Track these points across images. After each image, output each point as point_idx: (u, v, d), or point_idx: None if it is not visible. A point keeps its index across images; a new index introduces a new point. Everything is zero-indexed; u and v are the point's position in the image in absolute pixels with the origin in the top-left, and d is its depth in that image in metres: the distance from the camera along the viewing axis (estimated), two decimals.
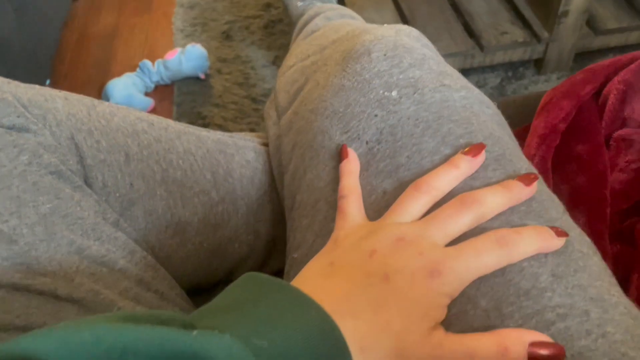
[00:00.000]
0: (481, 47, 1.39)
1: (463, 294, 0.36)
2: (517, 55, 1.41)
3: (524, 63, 1.48)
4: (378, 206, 0.42)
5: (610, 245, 0.59)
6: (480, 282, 0.36)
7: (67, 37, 1.69)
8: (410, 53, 0.48)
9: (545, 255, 0.37)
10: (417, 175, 0.42)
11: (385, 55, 0.48)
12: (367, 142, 0.45)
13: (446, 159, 0.42)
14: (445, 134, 0.43)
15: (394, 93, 0.46)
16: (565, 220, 0.41)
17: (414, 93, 0.46)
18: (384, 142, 0.45)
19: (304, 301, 0.31)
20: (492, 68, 1.47)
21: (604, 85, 0.69)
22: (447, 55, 1.38)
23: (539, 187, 0.43)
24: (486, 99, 0.49)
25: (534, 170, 0.45)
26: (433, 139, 0.43)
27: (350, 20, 0.75)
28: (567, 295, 0.35)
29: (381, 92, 0.46)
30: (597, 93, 0.70)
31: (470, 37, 1.42)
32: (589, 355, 0.33)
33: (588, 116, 0.66)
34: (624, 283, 0.57)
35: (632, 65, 0.70)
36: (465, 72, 1.47)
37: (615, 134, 0.66)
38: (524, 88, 1.44)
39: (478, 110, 0.46)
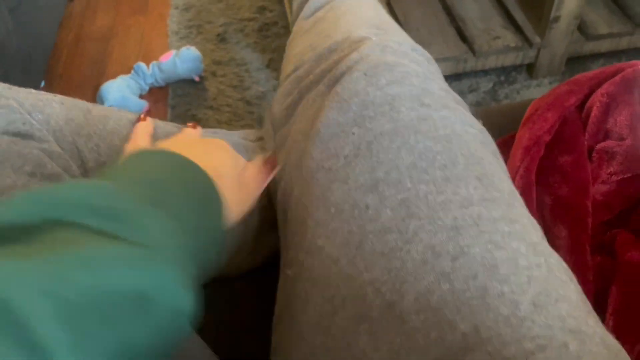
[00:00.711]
0: (474, 52, 1.40)
1: (443, 316, 0.37)
2: (509, 60, 1.42)
3: (516, 68, 1.50)
4: (362, 220, 0.43)
5: (591, 256, 0.60)
6: (460, 305, 0.37)
7: (63, 38, 1.70)
8: (391, 71, 0.49)
9: (529, 280, 0.38)
10: (398, 192, 0.43)
11: (365, 74, 0.49)
12: (344, 157, 0.46)
13: (426, 176, 0.43)
14: (422, 151, 0.44)
15: (369, 111, 0.47)
16: (545, 245, 0.42)
17: (390, 110, 0.46)
18: (361, 157, 0.45)
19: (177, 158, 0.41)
20: (485, 72, 1.49)
21: (588, 96, 0.70)
22: (440, 60, 1.39)
23: (521, 210, 0.44)
24: (470, 118, 0.49)
25: (514, 190, 0.46)
26: (410, 155, 0.44)
27: (354, 2, 0.69)
28: (547, 327, 0.36)
29: (358, 110, 0.47)
30: (581, 104, 0.72)
31: (463, 41, 1.43)
32: None
33: (572, 127, 0.68)
34: (604, 294, 0.58)
35: (616, 78, 0.71)
36: (458, 76, 1.48)
37: (598, 146, 0.67)
38: (516, 92, 1.45)
39: (460, 129, 0.46)
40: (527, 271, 0.38)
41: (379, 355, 0.38)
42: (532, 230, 0.42)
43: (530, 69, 1.48)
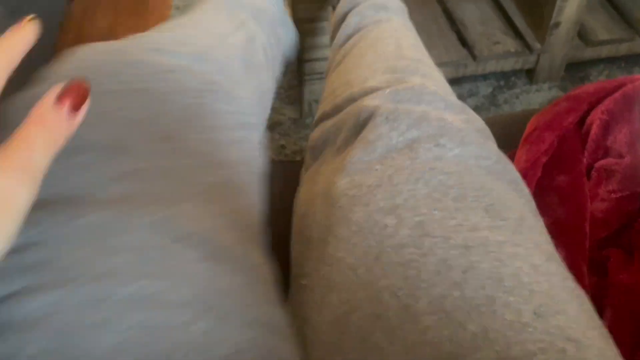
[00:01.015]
0: (474, 57, 1.40)
1: (454, 317, 0.40)
2: (509, 65, 1.43)
3: (515, 72, 1.50)
4: (381, 237, 0.47)
5: (590, 276, 0.61)
6: (470, 310, 0.40)
7: (63, 39, 1.69)
8: (409, 114, 0.55)
9: (530, 293, 0.41)
10: (414, 215, 0.47)
11: (386, 118, 0.55)
12: (367, 186, 0.51)
13: (440, 204, 0.47)
14: (436, 185, 0.48)
15: (392, 153, 0.53)
16: (548, 267, 0.45)
17: (409, 151, 0.52)
18: (383, 187, 0.50)
19: None
20: (484, 77, 1.49)
21: (587, 112, 0.70)
22: (439, 64, 1.38)
23: (527, 236, 0.47)
24: (487, 150, 0.54)
25: (525, 216, 0.49)
26: (425, 188, 0.48)
27: (381, 31, 0.79)
28: (547, 333, 0.39)
29: (382, 152, 0.53)
30: (581, 120, 0.72)
31: (463, 46, 1.43)
32: None
33: (570, 146, 0.68)
34: (600, 314, 0.59)
35: (616, 95, 0.72)
36: (458, 80, 1.48)
37: (597, 164, 0.68)
38: (516, 97, 1.46)
39: (472, 164, 0.51)
40: (529, 286, 0.41)
41: (394, 349, 0.41)
42: (535, 253, 0.45)
43: (529, 74, 1.48)
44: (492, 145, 0.56)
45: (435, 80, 0.68)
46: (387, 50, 0.71)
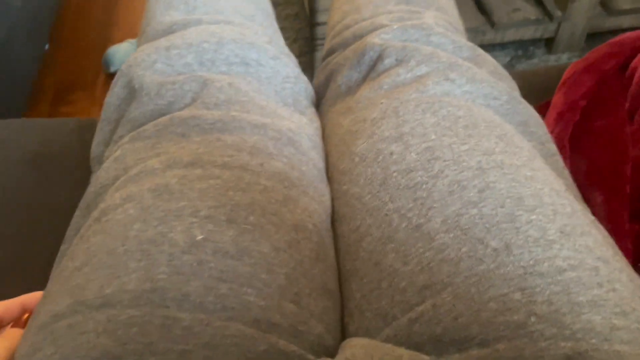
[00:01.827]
0: (492, 24, 1.36)
1: (473, 234, 0.37)
2: (528, 33, 1.38)
3: (534, 42, 1.46)
4: (386, 163, 0.45)
5: (632, 224, 0.57)
6: (490, 226, 0.38)
7: (68, 1, 1.65)
8: (418, 51, 0.54)
9: (554, 213, 0.39)
10: (422, 141, 0.45)
11: (396, 60, 0.54)
12: (371, 120, 0.49)
13: (450, 132, 0.45)
14: (445, 115, 0.47)
15: (399, 88, 0.51)
16: (569, 195, 0.43)
17: (417, 85, 0.50)
18: (387, 118, 0.48)
19: None
20: (502, 46, 1.45)
21: (630, 58, 0.66)
22: None
23: (542, 165, 0.45)
24: (498, 90, 0.52)
25: (534, 151, 0.48)
26: (433, 117, 0.46)
27: None
28: (576, 251, 0.36)
29: (389, 88, 0.52)
30: (623, 66, 0.68)
31: (482, 13, 1.39)
32: (602, 303, 0.34)
33: (611, 90, 0.64)
34: None
35: None
36: None
37: None
38: (534, 67, 1.42)
39: (482, 102, 0.50)
40: (551, 206, 0.39)
41: (409, 269, 0.38)
42: (555, 180, 0.44)
43: (549, 44, 1.44)
44: (503, 85, 0.53)
45: (449, 15, 0.66)
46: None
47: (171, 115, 0.49)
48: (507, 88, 0.53)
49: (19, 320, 0.47)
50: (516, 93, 0.54)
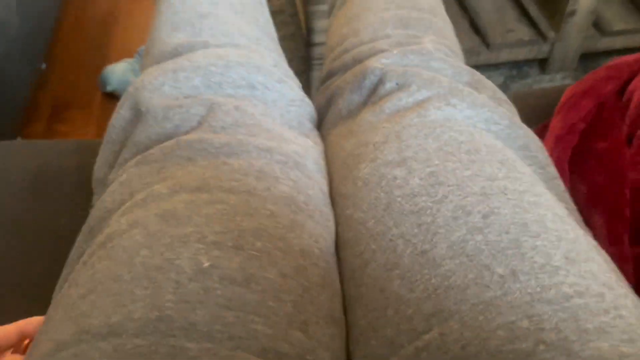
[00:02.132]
0: (487, 45, 1.38)
1: (479, 261, 0.37)
2: (522, 54, 1.40)
3: (528, 62, 1.47)
4: (389, 187, 0.45)
5: (632, 247, 0.57)
6: (496, 253, 0.37)
7: (64, 20, 1.66)
8: (419, 76, 0.54)
9: (558, 238, 0.39)
10: (426, 166, 0.45)
11: (397, 84, 0.54)
12: (374, 144, 0.49)
13: (453, 157, 0.45)
14: (447, 140, 0.47)
15: (400, 112, 0.52)
16: (571, 220, 0.43)
17: (420, 109, 0.51)
18: (390, 142, 0.49)
19: None
20: (497, 66, 1.46)
21: (627, 82, 0.67)
22: None
23: (544, 190, 0.46)
24: (498, 115, 0.52)
25: (536, 177, 0.48)
26: (436, 142, 0.47)
27: None
28: (581, 277, 0.36)
29: (390, 112, 0.53)
30: (621, 90, 0.69)
31: (476, 34, 1.40)
32: (609, 330, 0.33)
33: (610, 113, 0.65)
34: None
35: None
36: None
37: None
38: (528, 87, 1.43)
39: (483, 127, 0.51)
40: (555, 232, 0.39)
41: (416, 296, 0.38)
42: (557, 205, 0.44)
43: (542, 64, 1.46)
44: (503, 110, 0.54)
45: (447, 39, 0.66)
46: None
47: (177, 139, 0.49)
48: (507, 112, 0.54)
49: (18, 347, 0.47)
50: (516, 118, 0.55)
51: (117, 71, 1.42)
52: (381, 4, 0.67)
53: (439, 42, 0.63)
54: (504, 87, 1.43)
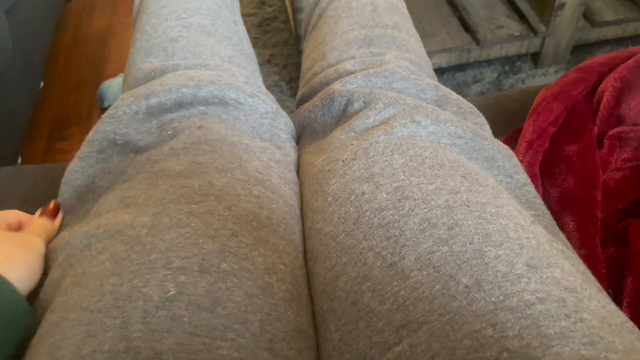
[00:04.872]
0: (477, 42, 1.38)
1: (445, 272, 0.39)
2: (513, 49, 1.40)
3: (520, 57, 1.47)
4: (358, 202, 0.46)
5: (605, 247, 0.58)
6: (461, 263, 0.39)
7: (60, 38, 1.68)
8: (385, 94, 0.56)
9: (520, 247, 0.40)
10: (392, 181, 0.46)
11: (364, 102, 0.57)
12: (343, 160, 0.51)
13: (417, 172, 0.47)
14: (412, 155, 0.49)
15: (368, 130, 0.54)
16: (534, 228, 0.44)
17: (386, 126, 0.53)
18: (358, 159, 0.50)
19: None
20: (489, 63, 1.46)
21: (598, 83, 0.67)
22: (443, 51, 1.36)
23: (507, 201, 0.47)
24: (462, 129, 0.54)
25: (499, 187, 0.49)
26: (401, 158, 0.49)
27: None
28: (543, 284, 0.37)
29: (359, 130, 0.55)
30: (592, 90, 0.69)
31: (466, 31, 1.40)
32: (570, 335, 0.34)
33: (580, 115, 0.65)
34: (620, 286, 0.56)
35: (630, 62, 0.69)
36: (462, 67, 1.45)
37: (611, 132, 0.65)
38: (521, 82, 1.43)
39: (446, 142, 0.53)
40: (517, 241, 0.41)
41: (386, 308, 0.39)
42: (519, 216, 0.45)
43: (535, 58, 1.45)
44: (468, 123, 0.55)
45: (412, 52, 0.67)
46: (363, 13, 0.70)
47: (141, 166, 0.52)
48: (471, 126, 0.55)
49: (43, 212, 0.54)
50: (481, 130, 0.56)
51: (113, 86, 1.44)
52: (346, 26, 0.69)
53: (402, 56, 0.64)
54: (497, 83, 1.43)
